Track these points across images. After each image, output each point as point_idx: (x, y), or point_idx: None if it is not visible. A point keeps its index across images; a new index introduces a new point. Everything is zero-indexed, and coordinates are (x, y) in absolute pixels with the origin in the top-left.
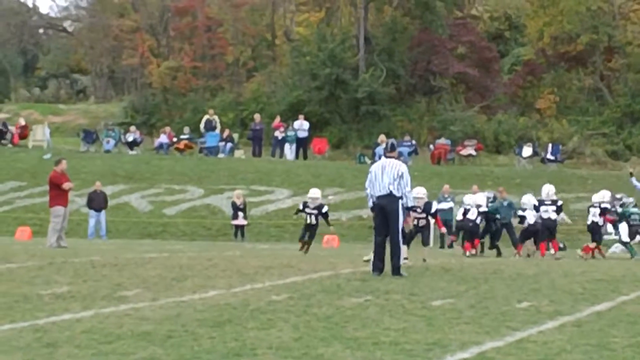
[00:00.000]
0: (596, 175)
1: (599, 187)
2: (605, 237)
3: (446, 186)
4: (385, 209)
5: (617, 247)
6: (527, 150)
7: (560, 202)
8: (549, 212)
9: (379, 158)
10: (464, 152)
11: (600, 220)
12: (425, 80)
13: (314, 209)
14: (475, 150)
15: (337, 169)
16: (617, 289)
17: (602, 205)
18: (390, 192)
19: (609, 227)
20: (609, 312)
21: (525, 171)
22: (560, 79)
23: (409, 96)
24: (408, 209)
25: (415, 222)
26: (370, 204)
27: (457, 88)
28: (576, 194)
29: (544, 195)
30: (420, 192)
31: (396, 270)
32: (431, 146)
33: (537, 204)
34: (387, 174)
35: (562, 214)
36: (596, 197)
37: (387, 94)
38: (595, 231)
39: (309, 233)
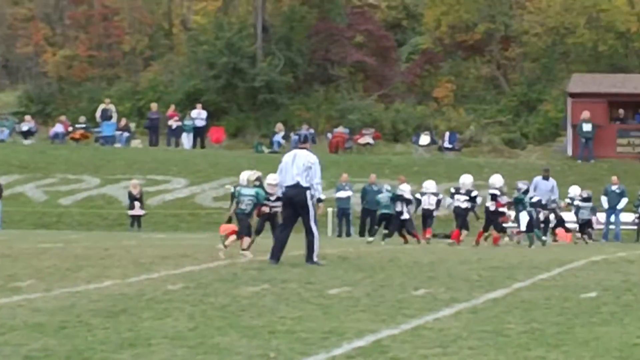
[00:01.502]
0: (493, 163)
1: None
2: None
3: (344, 175)
4: (293, 199)
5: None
6: (424, 139)
7: (474, 193)
8: (460, 201)
9: (277, 146)
10: (362, 140)
11: (491, 206)
12: (324, 69)
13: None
14: (373, 138)
15: (235, 158)
16: (512, 276)
17: (490, 192)
18: (298, 182)
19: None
20: (504, 299)
21: (423, 159)
22: (457, 68)
23: (307, 85)
24: (318, 201)
25: (268, 210)
26: (280, 193)
27: (355, 77)
28: (474, 182)
29: (460, 184)
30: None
31: (310, 258)
32: (329, 135)
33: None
34: (297, 164)
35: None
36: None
37: (285, 83)
38: (489, 218)
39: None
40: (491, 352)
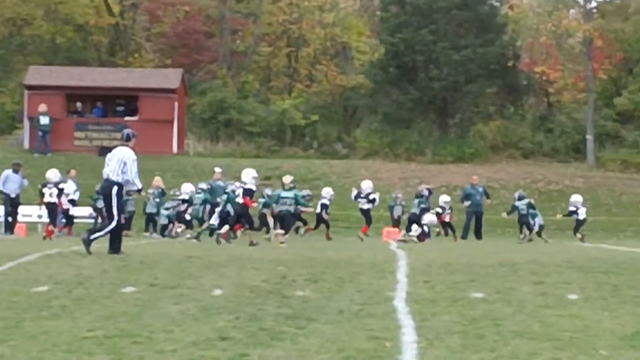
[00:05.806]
0: None
1: None
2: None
3: None
4: (103, 192)
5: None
6: None
7: (372, 196)
8: (362, 204)
9: None
10: None
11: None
12: None
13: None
14: None
15: None
16: None
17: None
18: (107, 177)
19: None
20: None
21: None
22: None
23: None
24: (138, 191)
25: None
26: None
27: None
28: None
29: (362, 189)
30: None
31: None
32: None
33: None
34: (114, 160)
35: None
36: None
37: None
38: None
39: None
40: None
